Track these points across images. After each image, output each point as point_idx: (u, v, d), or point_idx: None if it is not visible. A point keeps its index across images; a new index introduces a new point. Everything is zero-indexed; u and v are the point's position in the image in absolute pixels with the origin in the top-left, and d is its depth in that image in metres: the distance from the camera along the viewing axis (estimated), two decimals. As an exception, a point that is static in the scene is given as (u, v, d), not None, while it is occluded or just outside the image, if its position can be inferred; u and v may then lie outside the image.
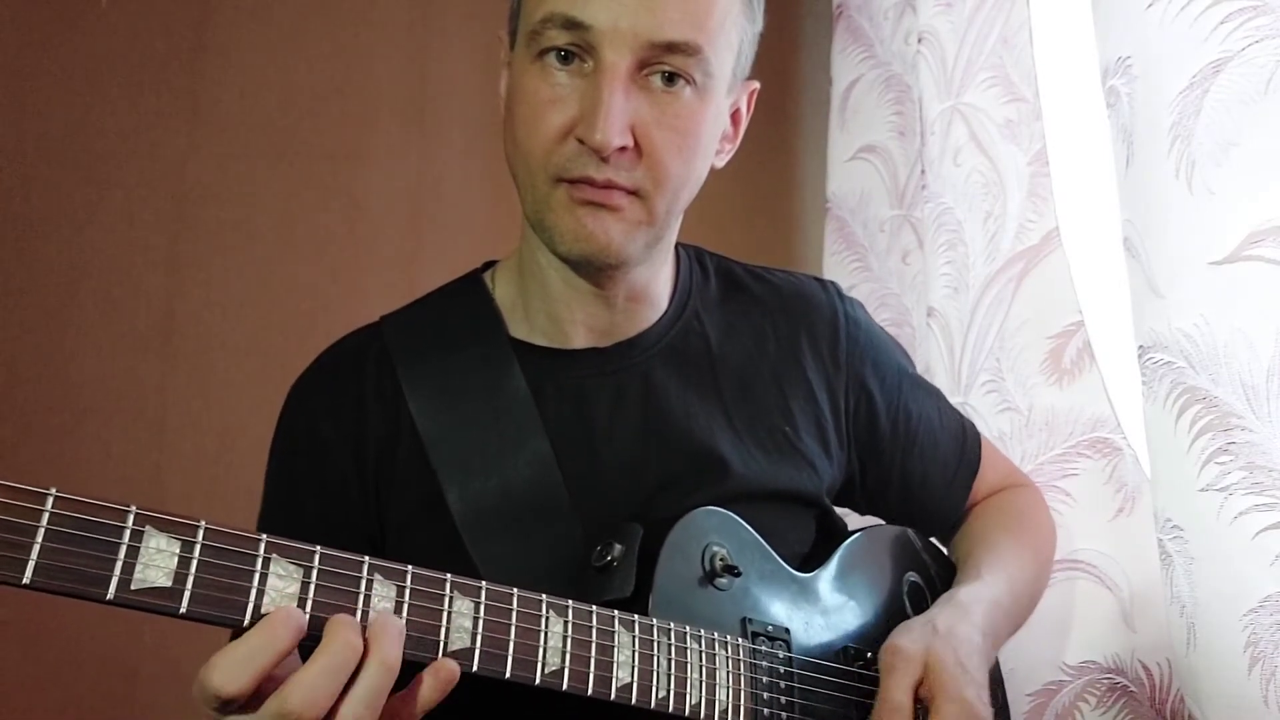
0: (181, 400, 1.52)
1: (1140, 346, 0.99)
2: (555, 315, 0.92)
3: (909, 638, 0.85)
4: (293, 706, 0.59)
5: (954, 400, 1.35)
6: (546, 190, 0.83)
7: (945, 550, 1.11)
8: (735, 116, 0.93)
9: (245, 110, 1.63)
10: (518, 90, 0.84)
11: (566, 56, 0.81)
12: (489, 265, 1.01)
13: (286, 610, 0.61)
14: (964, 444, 1.10)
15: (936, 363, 1.43)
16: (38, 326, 1.45)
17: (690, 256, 1.01)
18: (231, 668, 0.58)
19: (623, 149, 0.80)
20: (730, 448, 0.92)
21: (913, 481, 1.06)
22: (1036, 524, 1.11)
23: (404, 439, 0.89)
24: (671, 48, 0.80)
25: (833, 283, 1.07)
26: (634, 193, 0.82)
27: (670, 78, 0.82)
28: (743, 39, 0.88)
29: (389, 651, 0.62)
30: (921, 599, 0.99)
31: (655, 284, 0.95)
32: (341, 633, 0.61)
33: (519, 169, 0.85)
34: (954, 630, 0.87)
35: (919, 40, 1.51)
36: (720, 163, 0.93)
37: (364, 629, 0.63)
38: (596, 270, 0.88)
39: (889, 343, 1.08)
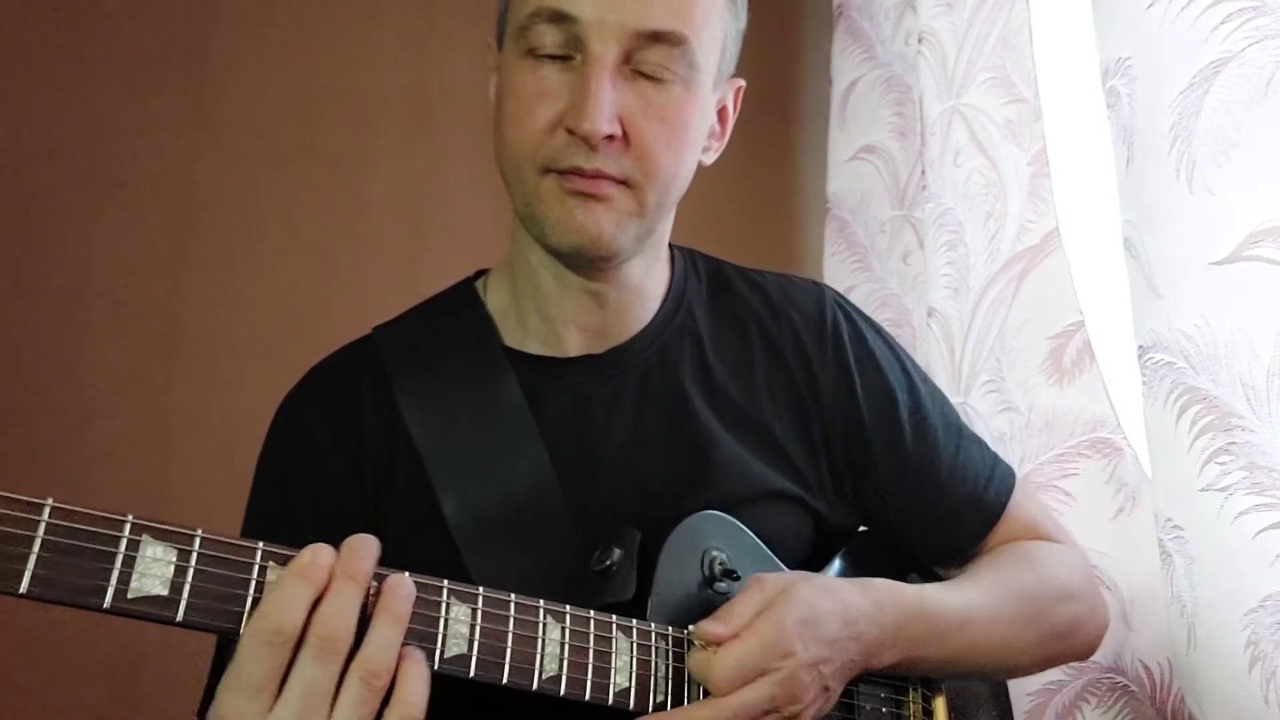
0: (186, 401, 1.53)
1: (1140, 346, 0.99)
2: (548, 316, 0.91)
3: (782, 575, 0.81)
4: (324, 631, 0.61)
5: (954, 400, 1.34)
6: (535, 181, 0.82)
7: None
8: (722, 114, 0.93)
9: (250, 113, 1.64)
10: (506, 86, 0.85)
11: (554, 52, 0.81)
12: (479, 275, 1.00)
13: (312, 550, 0.62)
14: (987, 484, 0.99)
15: (937, 363, 1.43)
16: (43, 328, 1.46)
17: (685, 257, 1.01)
18: (281, 603, 0.60)
19: (610, 138, 0.80)
20: (725, 450, 0.91)
21: (909, 500, 0.97)
22: (1048, 573, 0.95)
23: (400, 452, 0.89)
24: (657, 37, 0.81)
25: (829, 288, 1.04)
26: (623, 183, 0.82)
27: (657, 69, 0.82)
28: (727, 34, 0.88)
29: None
30: None
31: (648, 282, 0.94)
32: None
33: (507, 164, 0.85)
34: (837, 593, 0.80)
35: (919, 41, 1.51)
36: (708, 160, 0.93)
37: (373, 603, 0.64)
38: (588, 263, 0.87)
39: (889, 355, 1.00)
